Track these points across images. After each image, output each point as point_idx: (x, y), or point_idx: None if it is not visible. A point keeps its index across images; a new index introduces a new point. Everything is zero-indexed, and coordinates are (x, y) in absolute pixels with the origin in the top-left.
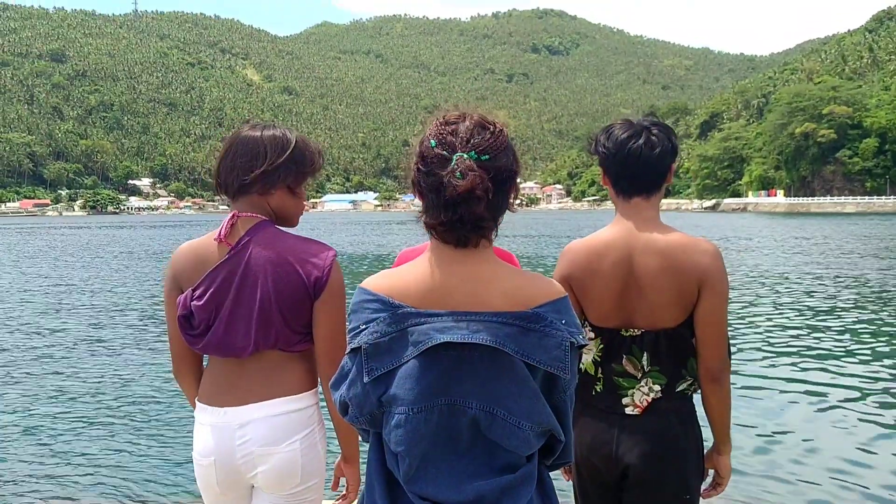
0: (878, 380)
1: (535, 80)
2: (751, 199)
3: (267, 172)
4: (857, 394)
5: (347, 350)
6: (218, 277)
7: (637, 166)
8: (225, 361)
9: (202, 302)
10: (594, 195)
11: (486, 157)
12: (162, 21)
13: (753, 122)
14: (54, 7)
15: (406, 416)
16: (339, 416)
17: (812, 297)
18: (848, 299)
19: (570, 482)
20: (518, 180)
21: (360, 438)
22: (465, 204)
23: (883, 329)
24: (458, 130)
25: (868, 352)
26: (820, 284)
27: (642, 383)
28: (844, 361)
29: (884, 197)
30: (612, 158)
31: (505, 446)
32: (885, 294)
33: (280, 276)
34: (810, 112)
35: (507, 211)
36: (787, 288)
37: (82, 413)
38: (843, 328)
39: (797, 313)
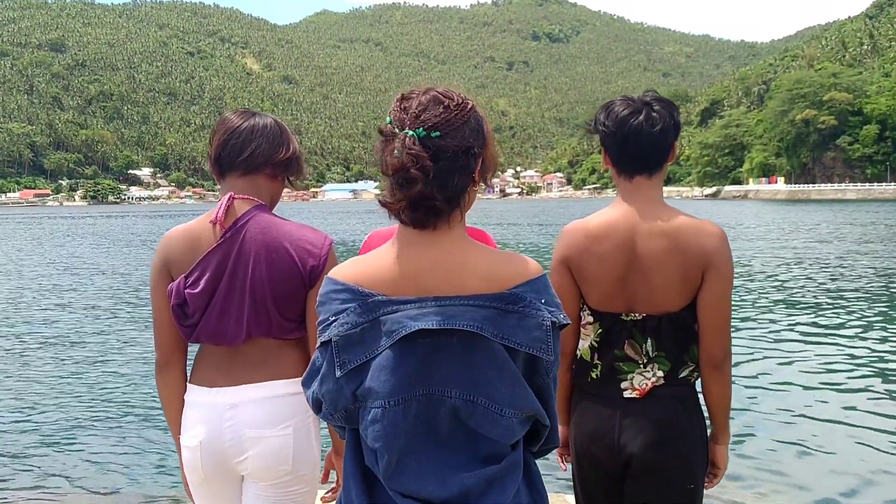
0: (880, 368)
1: (536, 68)
2: (751, 186)
3: (291, 158)
4: (857, 378)
5: (318, 344)
6: (211, 263)
7: (638, 144)
8: (217, 347)
9: (197, 290)
10: (595, 183)
11: (437, 133)
12: (161, 10)
13: (754, 109)
14: None
15: (383, 409)
16: None
17: (814, 282)
18: (849, 285)
19: (570, 471)
20: (477, 154)
21: None
22: (407, 184)
23: (884, 315)
24: (410, 107)
25: (867, 337)
26: (821, 270)
27: (646, 368)
28: (844, 347)
29: (884, 183)
30: (612, 137)
31: (488, 435)
32: (885, 279)
33: (274, 263)
34: (811, 99)
35: (505, 199)
36: (785, 274)
37: (81, 405)
38: (843, 314)
39: (796, 301)
